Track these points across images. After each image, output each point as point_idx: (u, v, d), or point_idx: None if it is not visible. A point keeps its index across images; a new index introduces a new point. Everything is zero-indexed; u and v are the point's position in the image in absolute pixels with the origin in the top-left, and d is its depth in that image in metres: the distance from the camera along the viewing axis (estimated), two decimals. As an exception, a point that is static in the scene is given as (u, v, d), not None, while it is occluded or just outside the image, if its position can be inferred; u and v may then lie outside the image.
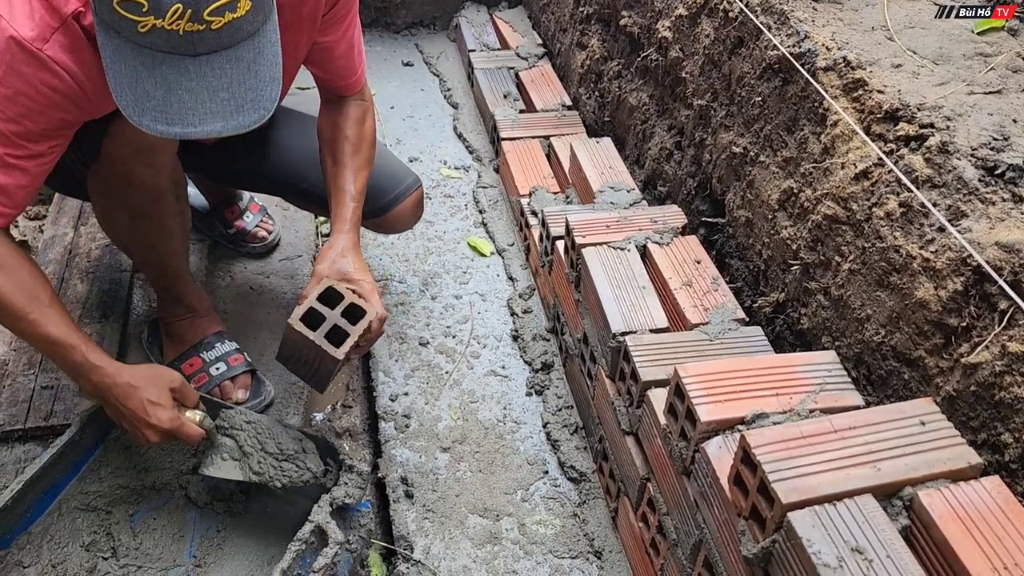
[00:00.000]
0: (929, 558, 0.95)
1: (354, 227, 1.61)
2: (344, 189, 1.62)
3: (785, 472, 1.00)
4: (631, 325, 1.54)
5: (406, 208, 1.90)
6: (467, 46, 3.08)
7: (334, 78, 1.66)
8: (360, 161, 1.66)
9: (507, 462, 1.74)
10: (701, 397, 1.19)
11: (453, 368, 1.95)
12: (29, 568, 1.43)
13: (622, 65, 2.38)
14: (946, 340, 1.18)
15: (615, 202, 1.93)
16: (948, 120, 1.26)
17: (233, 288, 2.12)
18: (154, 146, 1.46)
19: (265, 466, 1.47)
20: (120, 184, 1.50)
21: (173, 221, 1.65)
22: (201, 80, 1.12)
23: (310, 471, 1.47)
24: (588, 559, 1.57)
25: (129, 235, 1.66)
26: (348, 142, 1.65)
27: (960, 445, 1.04)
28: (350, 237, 1.59)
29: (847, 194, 1.37)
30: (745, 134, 1.69)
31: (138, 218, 1.58)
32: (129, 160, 1.45)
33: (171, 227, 1.66)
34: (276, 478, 1.47)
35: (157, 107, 1.12)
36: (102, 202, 1.59)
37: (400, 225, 1.97)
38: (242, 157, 1.84)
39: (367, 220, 1.87)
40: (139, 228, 1.61)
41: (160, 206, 1.58)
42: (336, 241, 1.57)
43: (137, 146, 1.44)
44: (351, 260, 1.55)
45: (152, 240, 1.66)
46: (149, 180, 1.51)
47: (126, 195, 1.53)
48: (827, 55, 1.45)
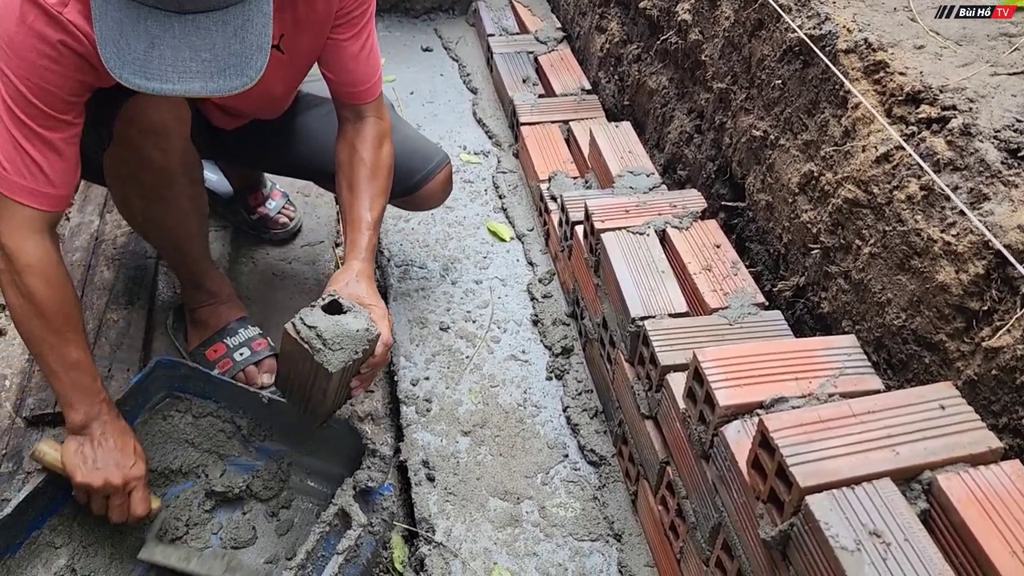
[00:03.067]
0: (948, 542, 0.95)
1: (370, 256, 1.58)
2: (361, 218, 1.59)
3: (803, 456, 1.00)
4: (650, 310, 1.54)
5: (436, 185, 1.93)
6: (486, 31, 3.08)
7: (347, 82, 1.63)
8: (377, 188, 1.64)
9: (527, 446, 1.75)
10: (720, 381, 1.20)
11: (474, 353, 1.96)
12: (61, 548, 1.46)
13: (641, 48, 2.37)
14: (967, 324, 1.17)
15: (634, 187, 1.93)
16: (971, 102, 1.25)
17: (256, 274, 2.14)
18: (165, 128, 1.48)
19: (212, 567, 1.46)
20: (133, 166, 1.53)
21: (188, 204, 1.67)
22: (185, 38, 1.13)
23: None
24: (608, 542, 1.58)
25: (145, 219, 1.68)
26: (365, 167, 1.63)
27: (980, 429, 1.04)
28: (366, 266, 1.56)
29: (868, 177, 1.36)
30: (765, 117, 1.68)
31: (153, 201, 1.61)
32: (140, 142, 1.48)
33: (186, 210, 1.68)
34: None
35: (137, 61, 1.13)
36: (118, 185, 1.61)
37: (430, 202, 2.00)
38: (269, 142, 1.86)
39: (397, 199, 1.89)
40: (154, 211, 1.64)
41: (173, 188, 1.60)
42: (351, 266, 1.54)
43: (147, 127, 1.46)
44: (365, 286, 1.52)
45: (168, 223, 1.68)
46: (161, 162, 1.53)
47: (140, 177, 1.55)
48: (848, 37, 1.43)
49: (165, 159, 1.53)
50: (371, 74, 1.64)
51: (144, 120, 1.45)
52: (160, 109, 1.46)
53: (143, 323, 1.89)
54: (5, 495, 1.56)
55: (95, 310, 1.89)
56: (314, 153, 1.86)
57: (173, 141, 1.52)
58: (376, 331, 1.40)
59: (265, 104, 1.71)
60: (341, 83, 1.63)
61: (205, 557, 1.47)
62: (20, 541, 1.42)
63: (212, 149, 1.84)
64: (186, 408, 1.64)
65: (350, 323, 1.36)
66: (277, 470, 1.62)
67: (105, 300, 1.92)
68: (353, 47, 1.58)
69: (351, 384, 1.46)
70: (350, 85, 1.63)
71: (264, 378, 1.79)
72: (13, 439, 1.66)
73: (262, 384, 1.78)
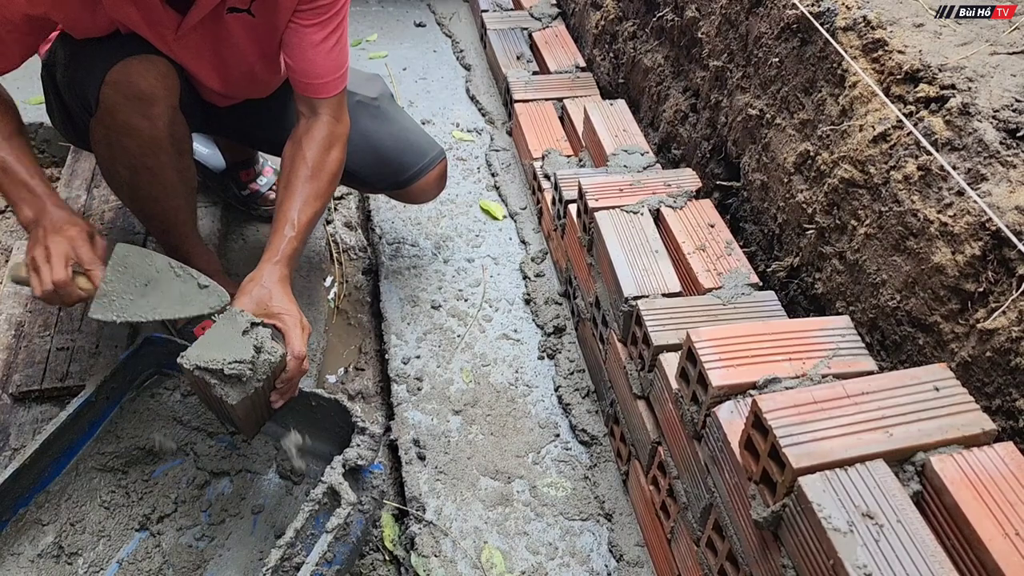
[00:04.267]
0: (940, 523, 0.95)
1: (286, 260, 1.47)
2: (287, 219, 1.50)
3: (796, 437, 0.99)
4: (644, 289, 1.53)
5: (430, 181, 1.92)
6: (480, 6, 3.04)
7: (303, 72, 1.55)
8: (314, 190, 1.55)
9: (519, 425, 1.74)
10: (713, 361, 1.19)
11: (465, 331, 1.95)
12: (48, 526, 1.45)
13: (637, 25, 2.34)
14: (962, 305, 1.16)
15: (629, 165, 1.91)
16: (970, 81, 1.24)
17: (246, 251, 2.12)
18: (152, 95, 1.47)
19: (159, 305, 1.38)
20: (119, 135, 1.51)
21: (174, 175, 1.64)
22: None
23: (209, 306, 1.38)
24: (599, 521, 1.58)
25: (130, 188, 1.65)
26: (305, 166, 1.55)
27: (974, 411, 1.03)
28: (278, 269, 1.45)
29: (865, 157, 1.35)
30: (762, 96, 1.67)
31: (138, 170, 1.59)
32: (125, 109, 1.47)
33: (172, 181, 1.65)
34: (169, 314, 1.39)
35: None
36: (104, 153, 1.59)
37: (423, 197, 1.98)
38: (261, 119, 1.84)
39: (390, 191, 1.88)
40: (140, 180, 1.61)
41: (159, 158, 1.58)
42: (260, 273, 1.44)
43: (133, 94, 1.45)
44: (277, 291, 1.42)
45: (154, 194, 1.65)
46: (147, 131, 1.51)
47: (125, 146, 1.54)
48: (847, 14, 1.42)
49: (151, 128, 1.51)
50: (332, 70, 1.56)
51: (130, 87, 1.44)
52: (147, 76, 1.45)
53: (131, 299, 1.87)
54: (-9, 472, 1.55)
55: (82, 286, 1.87)
56: None
57: (160, 109, 1.50)
58: (279, 353, 1.32)
59: (246, 77, 1.68)
60: (297, 71, 1.55)
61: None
62: (6, 519, 1.41)
63: (206, 124, 1.82)
64: (174, 386, 1.63)
65: (245, 351, 1.28)
66: (266, 447, 1.61)
67: (93, 276, 1.90)
68: (314, 36, 1.52)
69: (271, 399, 1.38)
70: (306, 75, 1.55)
71: None
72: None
73: None
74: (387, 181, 1.86)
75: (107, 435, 1.56)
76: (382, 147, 1.85)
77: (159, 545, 1.47)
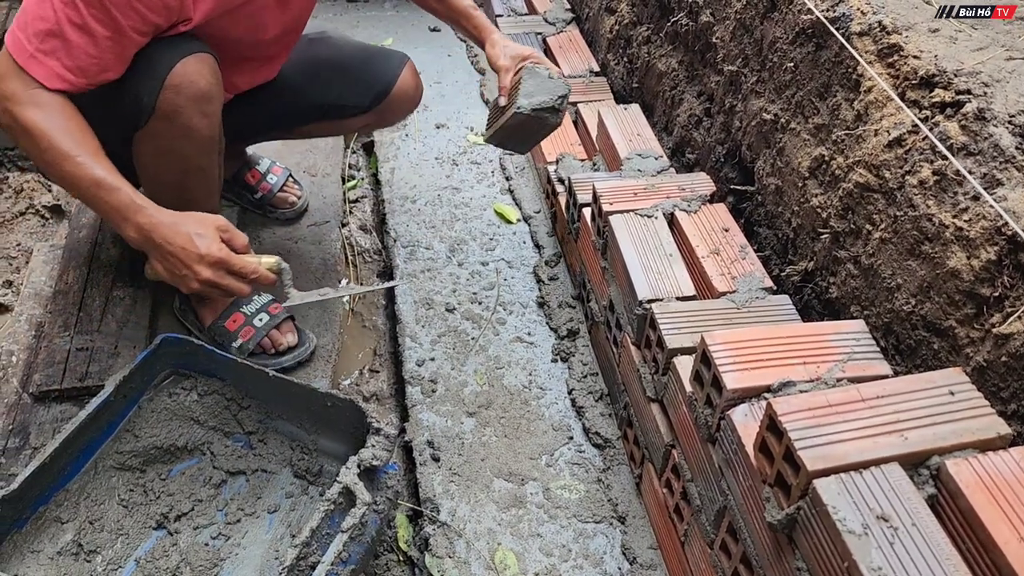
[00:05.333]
0: (955, 527, 0.95)
1: (494, 27, 1.88)
2: (466, 5, 1.90)
3: (811, 440, 1.00)
4: (658, 293, 1.54)
5: (407, 79, 1.98)
6: (495, 11, 3.05)
7: None
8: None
9: (532, 427, 1.75)
10: (728, 365, 1.19)
11: (479, 334, 1.96)
12: (67, 524, 1.47)
13: (651, 30, 2.35)
14: (978, 310, 1.17)
15: (643, 169, 1.92)
16: (986, 86, 1.24)
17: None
18: (210, 93, 1.49)
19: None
20: (176, 138, 1.51)
21: (217, 174, 1.67)
22: None
23: None
24: (612, 524, 1.59)
25: (179, 192, 1.61)
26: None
27: (990, 415, 1.03)
28: (498, 33, 1.86)
29: (880, 162, 1.35)
30: (776, 100, 1.67)
31: (190, 172, 1.59)
32: (188, 111, 1.47)
33: (216, 179, 1.68)
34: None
35: None
36: (152, 164, 1.57)
37: (406, 102, 2.03)
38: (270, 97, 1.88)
39: (373, 112, 1.98)
40: (190, 182, 1.61)
41: (211, 157, 1.60)
42: (495, 38, 1.84)
43: (195, 93, 1.46)
44: (513, 43, 1.83)
45: (200, 195, 1.65)
46: (205, 130, 1.52)
47: (182, 149, 1.53)
48: (862, 19, 1.42)
49: (209, 126, 1.53)
50: None
51: (192, 86, 1.45)
52: (204, 73, 1.46)
53: (149, 300, 1.89)
54: (12, 470, 1.57)
55: (102, 287, 1.89)
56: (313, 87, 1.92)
57: (216, 106, 1.52)
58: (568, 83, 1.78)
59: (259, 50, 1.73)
60: None
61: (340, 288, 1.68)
62: (26, 516, 1.43)
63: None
64: (191, 386, 1.64)
65: (562, 88, 1.75)
66: (281, 448, 1.62)
67: (112, 277, 1.92)
68: None
69: None
70: None
71: (288, 338, 1.81)
72: (20, 415, 1.67)
73: (288, 344, 1.80)
74: (371, 94, 1.95)
75: (125, 434, 1.57)
76: (351, 65, 1.95)
77: (176, 544, 1.49)
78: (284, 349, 1.81)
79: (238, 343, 1.77)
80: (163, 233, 1.36)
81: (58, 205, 2.32)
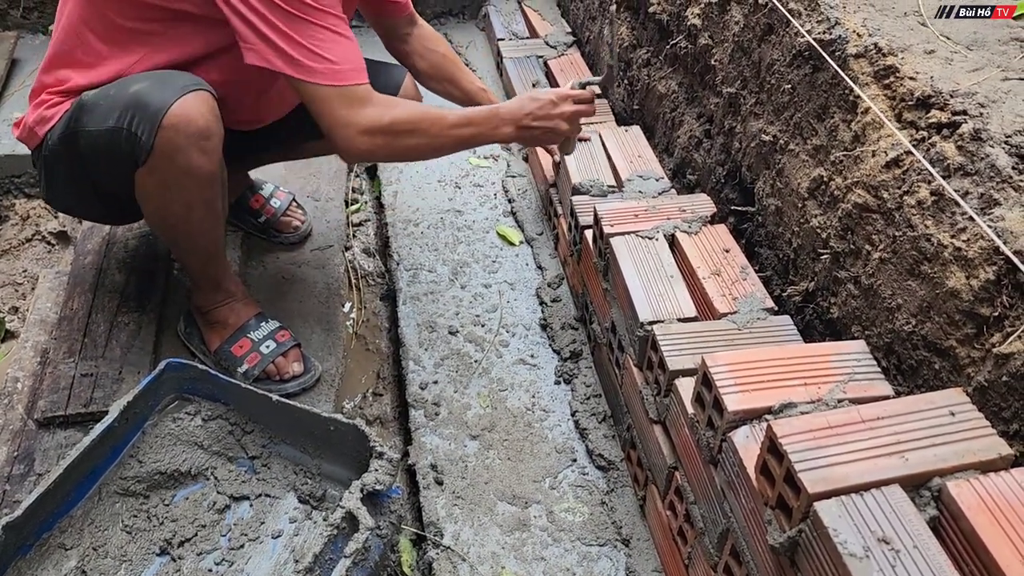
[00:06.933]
0: (957, 549, 0.95)
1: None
2: (479, 87, 2.06)
3: (812, 462, 1.00)
4: (659, 314, 1.54)
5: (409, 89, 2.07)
6: (496, 35, 3.08)
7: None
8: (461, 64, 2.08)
9: (536, 450, 1.75)
10: (729, 386, 1.19)
11: (482, 356, 1.96)
12: (71, 550, 1.47)
13: (651, 53, 2.37)
14: (978, 330, 1.17)
15: (644, 191, 1.93)
16: (981, 107, 1.24)
17: (266, 277, 2.15)
18: (208, 131, 1.48)
19: None
20: (178, 175, 1.51)
21: (221, 204, 1.68)
22: None
23: None
24: (616, 547, 1.58)
25: (183, 226, 1.65)
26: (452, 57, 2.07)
27: (991, 436, 1.03)
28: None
29: (878, 182, 1.36)
30: (775, 122, 1.68)
31: (194, 206, 1.60)
32: (187, 149, 1.47)
33: (220, 211, 1.69)
34: None
35: None
36: (155, 200, 1.59)
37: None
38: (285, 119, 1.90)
39: None
40: (194, 216, 1.62)
41: (213, 190, 1.61)
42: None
43: (194, 131, 1.46)
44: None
45: (205, 227, 1.67)
46: (207, 166, 1.53)
47: (184, 186, 1.54)
48: (858, 41, 1.43)
49: (209, 163, 1.53)
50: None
51: (190, 125, 1.45)
52: (202, 111, 1.47)
53: (154, 326, 1.90)
54: (17, 497, 1.57)
55: (107, 312, 1.91)
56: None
57: (215, 142, 1.52)
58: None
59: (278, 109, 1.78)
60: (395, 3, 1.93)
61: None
62: (31, 543, 1.43)
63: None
64: (195, 410, 1.65)
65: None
66: (285, 472, 1.62)
67: (116, 303, 1.93)
68: None
69: None
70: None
71: (294, 367, 1.81)
72: (25, 441, 1.68)
73: (293, 373, 1.80)
74: None
75: (129, 460, 1.58)
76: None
77: (179, 570, 1.49)
78: (289, 377, 1.81)
79: (244, 368, 1.78)
80: (519, 116, 1.70)
81: (64, 232, 2.34)
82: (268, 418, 1.62)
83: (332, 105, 1.48)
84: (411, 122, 1.58)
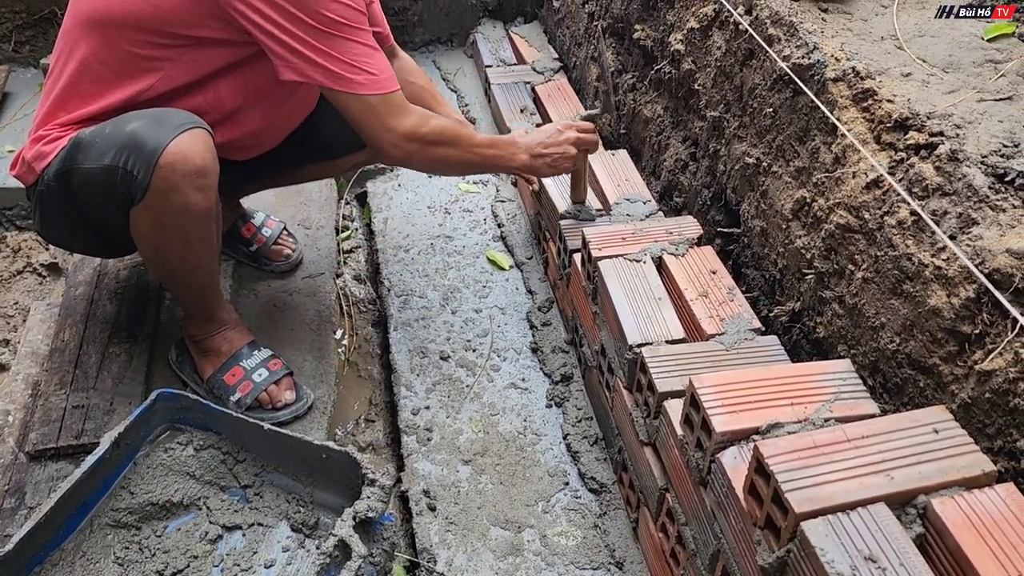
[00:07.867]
0: (943, 566, 0.96)
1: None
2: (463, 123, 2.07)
3: (798, 482, 1.01)
4: (647, 336, 1.55)
5: None
6: (484, 61, 3.12)
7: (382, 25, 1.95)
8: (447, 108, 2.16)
9: (528, 474, 1.75)
10: (716, 408, 1.20)
11: (474, 381, 1.97)
12: (63, 584, 1.46)
13: (636, 78, 2.40)
14: (960, 347, 1.18)
15: (631, 214, 1.95)
16: (958, 128, 1.27)
17: (257, 305, 2.16)
18: (204, 169, 1.49)
19: None
20: (175, 214, 1.51)
21: (216, 238, 1.69)
22: None
23: None
24: (610, 570, 1.58)
25: (179, 263, 1.65)
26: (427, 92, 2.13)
27: (974, 452, 1.04)
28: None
29: (859, 203, 1.38)
30: (758, 144, 1.70)
31: (191, 243, 1.60)
32: (183, 188, 1.47)
33: (216, 246, 1.70)
34: None
35: None
36: (151, 238, 1.58)
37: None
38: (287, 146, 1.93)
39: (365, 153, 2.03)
40: (191, 252, 1.62)
41: (209, 227, 1.61)
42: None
43: (191, 170, 1.46)
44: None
45: (201, 263, 1.68)
46: (203, 203, 1.53)
47: (180, 224, 1.54)
48: (836, 65, 1.46)
49: (206, 199, 1.53)
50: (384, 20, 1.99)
51: (186, 163, 1.45)
52: (198, 149, 1.47)
53: (145, 356, 1.90)
54: (8, 531, 1.57)
55: (98, 344, 1.91)
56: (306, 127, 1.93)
57: (211, 179, 1.52)
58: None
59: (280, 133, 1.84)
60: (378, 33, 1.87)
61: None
62: (22, 577, 1.43)
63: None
64: (187, 440, 1.65)
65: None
66: (277, 500, 1.62)
67: (108, 333, 1.94)
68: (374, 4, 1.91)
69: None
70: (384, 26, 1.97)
71: (286, 395, 1.81)
72: (16, 474, 1.67)
73: (285, 401, 1.81)
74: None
75: (121, 491, 1.58)
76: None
77: (172, 601, 1.48)
78: (282, 405, 1.81)
79: (236, 397, 1.78)
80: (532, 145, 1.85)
81: (55, 263, 2.34)
82: (260, 447, 1.63)
83: (376, 112, 1.60)
84: (445, 135, 1.71)
